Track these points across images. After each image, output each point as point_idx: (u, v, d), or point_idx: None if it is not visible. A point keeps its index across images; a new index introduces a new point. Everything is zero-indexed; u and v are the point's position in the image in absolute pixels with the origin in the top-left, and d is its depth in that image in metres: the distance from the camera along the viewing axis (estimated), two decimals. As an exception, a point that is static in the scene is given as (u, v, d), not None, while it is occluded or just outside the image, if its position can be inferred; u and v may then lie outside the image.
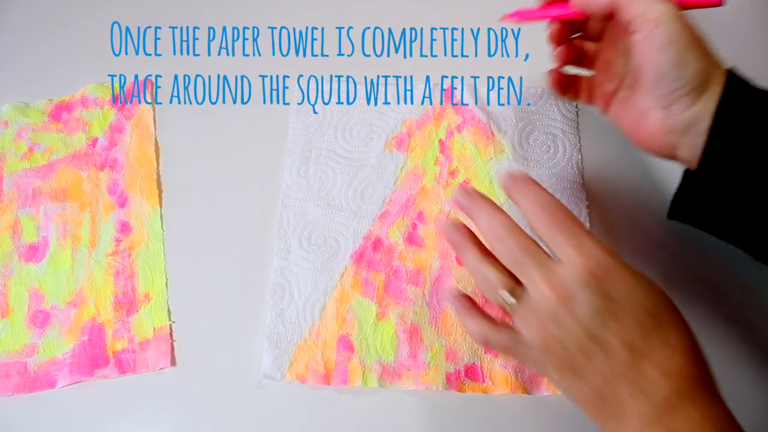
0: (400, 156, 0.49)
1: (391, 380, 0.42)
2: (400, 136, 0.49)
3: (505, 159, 0.48)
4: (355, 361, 0.42)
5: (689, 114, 0.36)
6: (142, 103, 0.53)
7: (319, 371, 0.42)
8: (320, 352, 0.43)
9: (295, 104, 0.51)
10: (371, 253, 0.46)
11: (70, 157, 0.51)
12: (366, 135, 0.50)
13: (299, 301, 0.44)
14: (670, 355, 0.31)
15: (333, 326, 0.43)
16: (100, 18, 0.57)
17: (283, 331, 0.43)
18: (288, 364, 0.43)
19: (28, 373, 0.43)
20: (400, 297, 0.44)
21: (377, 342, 0.43)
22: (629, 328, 0.31)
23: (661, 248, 0.44)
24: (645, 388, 0.30)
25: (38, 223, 0.48)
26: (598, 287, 0.32)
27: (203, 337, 0.44)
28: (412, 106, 0.50)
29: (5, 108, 0.53)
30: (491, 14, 0.45)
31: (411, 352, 0.42)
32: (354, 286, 0.45)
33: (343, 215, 0.47)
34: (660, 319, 0.32)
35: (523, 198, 0.35)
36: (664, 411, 0.30)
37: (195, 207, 0.48)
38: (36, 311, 0.45)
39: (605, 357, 0.31)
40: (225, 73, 0.54)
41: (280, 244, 0.46)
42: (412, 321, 0.43)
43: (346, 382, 0.42)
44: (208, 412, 0.42)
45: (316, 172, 0.49)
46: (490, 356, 0.42)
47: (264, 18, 0.56)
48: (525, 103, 0.50)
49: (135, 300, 0.45)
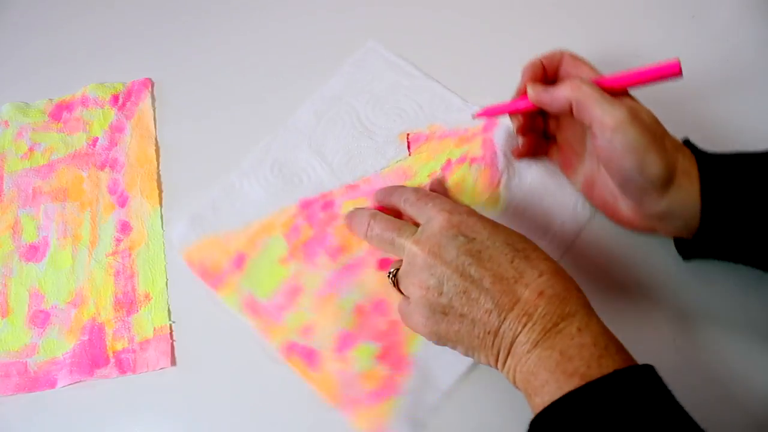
0: (403, 151, 0.48)
1: (249, 314, 0.44)
2: (419, 134, 0.49)
3: (492, 210, 0.45)
4: (235, 279, 0.45)
5: (662, 206, 0.37)
6: (143, 102, 0.53)
7: (205, 269, 0.45)
8: (219, 255, 0.45)
9: (368, 46, 0.53)
10: (318, 209, 0.47)
11: (70, 157, 0.51)
12: (393, 115, 0.50)
13: (235, 206, 0.47)
14: (540, 277, 0.34)
15: (243, 243, 0.46)
16: (101, 17, 0.58)
17: (207, 217, 0.47)
18: (190, 245, 0.46)
19: (29, 372, 0.43)
20: (309, 257, 0.45)
21: (263, 278, 0.44)
22: (499, 261, 0.35)
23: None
24: (526, 310, 0.33)
25: (38, 222, 0.48)
26: (461, 232, 0.36)
27: (203, 337, 0.44)
28: (450, 114, 0.49)
29: (5, 108, 0.53)
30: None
31: (279, 305, 0.44)
32: (283, 225, 0.46)
33: (320, 164, 0.48)
34: (525, 251, 0.35)
35: (393, 198, 0.42)
36: (546, 330, 0.33)
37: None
38: (36, 311, 0.45)
39: (483, 291, 0.34)
40: (225, 73, 0.54)
41: (257, 155, 0.49)
42: (302, 282, 0.44)
43: (215, 290, 0.44)
44: (207, 412, 0.42)
45: (329, 119, 0.50)
46: (335, 355, 0.42)
47: (265, 18, 0.56)
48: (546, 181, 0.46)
49: (135, 300, 0.45)
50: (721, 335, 0.41)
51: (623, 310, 0.42)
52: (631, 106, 0.36)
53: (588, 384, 0.31)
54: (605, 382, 0.31)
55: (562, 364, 0.32)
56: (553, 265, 0.35)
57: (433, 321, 0.36)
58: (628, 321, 0.39)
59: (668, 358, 0.40)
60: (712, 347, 0.40)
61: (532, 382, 0.33)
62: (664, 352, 0.40)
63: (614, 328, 0.34)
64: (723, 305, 0.42)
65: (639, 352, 0.33)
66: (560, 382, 0.31)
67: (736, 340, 0.41)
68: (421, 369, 0.41)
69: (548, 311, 0.33)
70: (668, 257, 0.43)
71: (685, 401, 0.31)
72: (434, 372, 0.41)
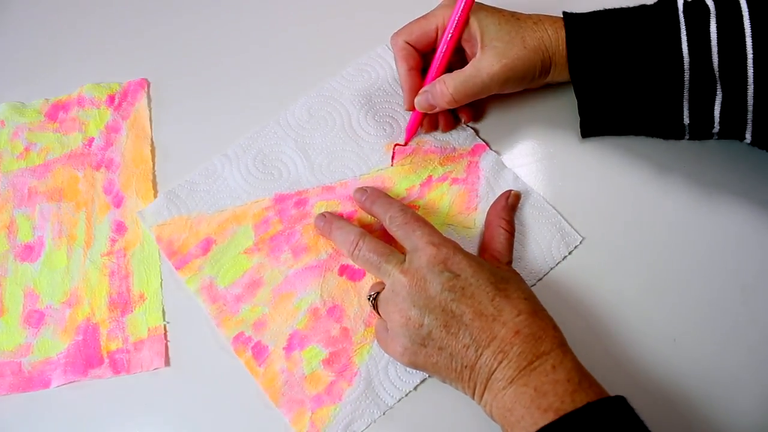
0: (387, 161, 0.48)
1: (206, 300, 0.44)
2: (406, 146, 0.49)
3: (463, 233, 0.45)
4: (198, 263, 0.45)
5: (543, 83, 0.46)
6: (139, 103, 0.53)
7: (173, 249, 0.46)
8: (188, 236, 0.46)
9: (376, 52, 0.53)
10: (291, 205, 0.47)
11: (66, 157, 0.51)
12: (384, 124, 0.50)
13: (212, 189, 0.48)
14: (517, 317, 0.35)
15: (213, 228, 0.46)
16: (97, 17, 0.57)
17: (183, 196, 0.47)
18: (161, 221, 0.47)
19: (23, 372, 0.44)
20: (273, 253, 0.45)
21: (226, 266, 0.45)
22: (480, 299, 0.36)
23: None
24: (502, 348, 0.34)
25: (34, 222, 0.48)
26: (447, 268, 0.37)
27: (197, 338, 0.44)
28: (441, 132, 0.49)
29: (1, 107, 0.53)
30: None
31: (237, 296, 0.44)
32: (254, 216, 0.47)
33: (302, 161, 0.48)
34: (506, 291, 0.36)
35: (377, 207, 0.43)
36: (521, 368, 0.34)
37: (190, 207, 0.48)
38: (31, 311, 0.45)
39: (463, 326, 0.35)
40: (222, 73, 0.54)
41: (244, 143, 0.49)
42: (263, 276, 0.45)
43: (178, 270, 0.45)
44: (201, 412, 0.42)
45: (320, 118, 0.50)
46: (283, 353, 0.42)
47: (263, 19, 0.56)
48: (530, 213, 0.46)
49: (130, 300, 0.45)
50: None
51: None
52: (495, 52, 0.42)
53: (562, 417, 0.32)
54: (579, 414, 0.32)
55: (536, 400, 0.33)
56: (531, 305, 0.36)
57: (411, 351, 0.37)
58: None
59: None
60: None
61: (509, 418, 0.34)
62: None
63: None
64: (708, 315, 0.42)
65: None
66: (535, 418, 0.32)
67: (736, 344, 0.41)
68: (367, 381, 0.41)
69: (523, 350, 0.34)
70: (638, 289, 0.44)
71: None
72: (379, 387, 0.41)
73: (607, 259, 0.44)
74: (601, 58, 0.42)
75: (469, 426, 0.39)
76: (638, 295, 0.43)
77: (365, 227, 0.44)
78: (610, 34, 0.42)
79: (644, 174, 0.47)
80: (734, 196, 0.45)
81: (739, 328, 0.42)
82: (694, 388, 0.40)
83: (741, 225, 0.44)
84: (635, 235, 0.45)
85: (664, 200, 0.46)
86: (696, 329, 0.42)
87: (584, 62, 0.42)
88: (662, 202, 0.45)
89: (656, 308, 0.42)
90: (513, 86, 0.45)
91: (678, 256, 0.44)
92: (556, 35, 0.43)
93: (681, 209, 0.45)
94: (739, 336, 0.41)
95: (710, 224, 0.45)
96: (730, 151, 0.46)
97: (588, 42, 0.42)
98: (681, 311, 0.42)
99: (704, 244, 0.44)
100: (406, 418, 0.41)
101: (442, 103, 0.44)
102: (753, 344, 0.41)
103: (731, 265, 0.43)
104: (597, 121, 0.45)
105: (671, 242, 0.44)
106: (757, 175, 0.45)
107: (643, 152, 0.47)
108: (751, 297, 0.42)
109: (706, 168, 0.46)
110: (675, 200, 0.45)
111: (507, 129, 0.49)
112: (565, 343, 0.36)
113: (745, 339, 0.41)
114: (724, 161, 0.46)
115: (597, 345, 0.41)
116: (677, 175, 0.46)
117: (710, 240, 0.44)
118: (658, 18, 0.41)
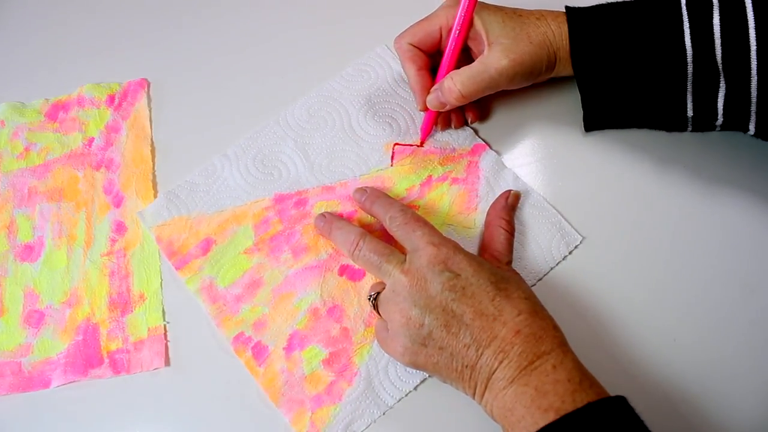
0: (386, 161, 0.48)
1: (206, 300, 0.44)
2: (406, 146, 0.49)
3: (463, 233, 0.45)
4: (198, 263, 0.45)
5: (549, 77, 0.46)
6: (139, 103, 0.53)
7: (173, 249, 0.46)
8: (188, 236, 0.46)
9: (375, 52, 0.53)
10: (291, 205, 0.47)
11: (66, 157, 0.51)
12: (384, 124, 0.50)
13: (212, 189, 0.48)
14: (518, 316, 0.35)
15: (213, 228, 0.46)
16: (97, 17, 0.58)
17: (182, 198, 0.47)
18: (161, 222, 0.47)
19: (23, 372, 0.44)
20: (273, 253, 0.45)
21: (226, 267, 0.45)
22: (480, 299, 0.36)
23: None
24: (502, 347, 0.34)
25: (34, 222, 0.48)
26: (447, 268, 0.37)
27: (197, 338, 0.44)
28: (441, 131, 0.49)
29: (1, 107, 0.53)
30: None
31: (237, 296, 0.44)
32: (254, 216, 0.47)
33: (302, 161, 0.48)
34: (506, 291, 0.36)
35: (377, 207, 0.43)
36: (522, 368, 0.34)
37: (190, 207, 0.48)
38: (31, 311, 0.45)
39: (463, 326, 0.35)
40: (222, 73, 0.54)
41: (244, 143, 0.49)
42: (262, 276, 0.45)
43: (178, 270, 0.45)
44: (201, 413, 0.42)
45: (320, 118, 0.50)
46: (283, 353, 0.42)
47: (263, 18, 0.56)
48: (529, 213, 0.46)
49: (130, 300, 0.45)
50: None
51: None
52: (501, 48, 0.42)
53: (563, 417, 0.32)
54: (579, 414, 0.32)
55: (537, 400, 0.33)
56: (532, 304, 0.36)
57: (412, 351, 0.37)
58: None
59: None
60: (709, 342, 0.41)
61: (509, 418, 0.34)
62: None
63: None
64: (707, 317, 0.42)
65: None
66: (536, 417, 0.32)
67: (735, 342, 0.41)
68: (367, 381, 0.41)
69: (524, 349, 0.34)
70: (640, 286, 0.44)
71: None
72: (379, 387, 0.41)
73: (608, 258, 0.44)
74: (603, 52, 0.42)
75: (469, 426, 0.39)
76: (638, 295, 0.43)
77: (365, 227, 0.44)
78: (613, 27, 0.42)
79: (644, 174, 0.47)
80: (737, 192, 0.45)
81: (740, 328, 0.42)
82: (694, 388, 0.40)
83: (743, 225, 0.44)
84: (635, 235, 0.45)
85: (665, 200, 0.46)
86: (696, 329, 0.42)
87: (587, 55, 0.42)
88: (663, 202, 0.46)
89: (656, 308, 0.42)
90: (520, 82, 0.45)
91: (678, 256, 0.44)
92: (559, 30, 0.43)
93: (682, 209, 0.45)
94: (739, 336, 0.41)
95: (711, 224, 0.45)
96: (733, 148, 0.46)
97: (590, 35, 0.42)
98: (681, 311, 0.42)
99: (705, 244, 0.44)
100: (406, 418, 0.41)
101: (450, 99, 0.44)
102: (754, 344, 0.41)
103: (733, 265, 0.43)
104: (600, 114, 0.46)
105: (672, 242, 0.44)
106: (760, 170, 0.46)
107: (644, 151, 0.47)
108: (753, 296, 0.42)
109: (708, 165, 0.46)
110: (675, 200, 0.46)
111: (507, 128, 0.49)
112: (565, 343, 0.36)
113: (745, 339, 0.41)
114: (726, 160, 0.46)
115: (597, 345, 0.41)
116: (678, 174, 0.46)
117: (712, 240, 0.44)
118: (661, 10, 0.41)
